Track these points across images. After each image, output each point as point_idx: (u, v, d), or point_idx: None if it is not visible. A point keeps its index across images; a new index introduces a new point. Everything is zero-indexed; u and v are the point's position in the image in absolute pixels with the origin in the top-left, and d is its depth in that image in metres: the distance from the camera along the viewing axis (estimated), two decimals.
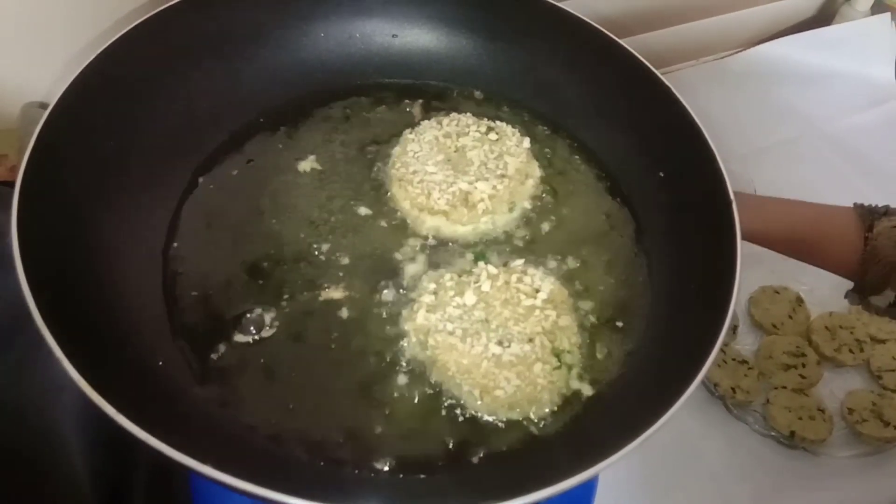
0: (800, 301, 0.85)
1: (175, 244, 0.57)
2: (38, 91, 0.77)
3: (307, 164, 0.64)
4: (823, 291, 0.86)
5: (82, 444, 0.57)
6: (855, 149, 1.05)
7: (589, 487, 0.64)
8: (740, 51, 1.16)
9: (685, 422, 0.76)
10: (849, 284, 0.68)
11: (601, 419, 0.50)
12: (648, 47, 1.02)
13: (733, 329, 0.82)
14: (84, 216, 0.52)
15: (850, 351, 0.81)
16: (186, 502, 0.62)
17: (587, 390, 0.53)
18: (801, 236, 0.65)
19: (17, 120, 0.77)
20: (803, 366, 0.80)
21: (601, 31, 0.66)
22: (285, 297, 0.55)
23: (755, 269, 0.86)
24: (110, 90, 0.56)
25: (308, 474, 0.47)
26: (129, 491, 0.60)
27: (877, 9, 1.17)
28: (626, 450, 0.42)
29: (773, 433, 0.75)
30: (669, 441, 0.74)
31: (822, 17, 1.21)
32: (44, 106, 0.56)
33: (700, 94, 1.06)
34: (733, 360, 0.80)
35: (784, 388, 0.78)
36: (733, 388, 0.77)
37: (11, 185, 0.48)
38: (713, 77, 1.12)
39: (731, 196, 0.54)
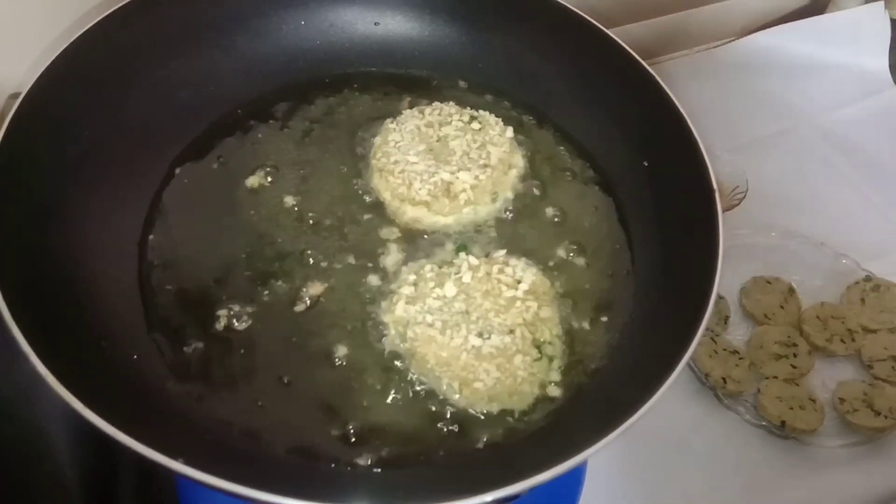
0: (791, 291, 0.84)
1: (151, 236, 0.56)
2: (18, 83, 0.76)
3: (287, 156, 0.63)
4: (815, 282, 0.85)
5: (68, 439, 0.56)
6: (848, 140, 1.04)
7: (576, 477, 0.63)
8: (732, 40, 1.15)
9: (676, 412, 0.75)
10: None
11: (582, 411, 0.50)
12: (639, 38, 1.01)
13: (724, 319, 0.81)
14: (57, 208, 0.52)
15: (842, 341, 0.81)
16: (173, 499, 0.62)
17: (568, 382, 0.52)
18: None
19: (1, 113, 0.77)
20: (794, 356, 0.79)
21: (585, 20, 0.65)
22: (262, 290, 0.54)
23: (747, 260, 0.85)
24: (82, 81, 0.56)
25: (284, 470, 0.46)
26: (116, 489, 0.60)
27: None
28: (603, 443, 0.42)
29: (764, 423, 0.74)
30: (660, 431, 0.73)
31: (815, 6, 1.20)
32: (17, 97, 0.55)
33: (692, 84, 1.04)
34: (724, 350, 0.79)
35: (775, 378, 0.77)
36: (724, 379, 0.76)
37: None
38: (705, 68, 1.11)
39: (714, 185, 0.53)
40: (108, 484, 0.60)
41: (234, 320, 0.52)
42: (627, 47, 0.63)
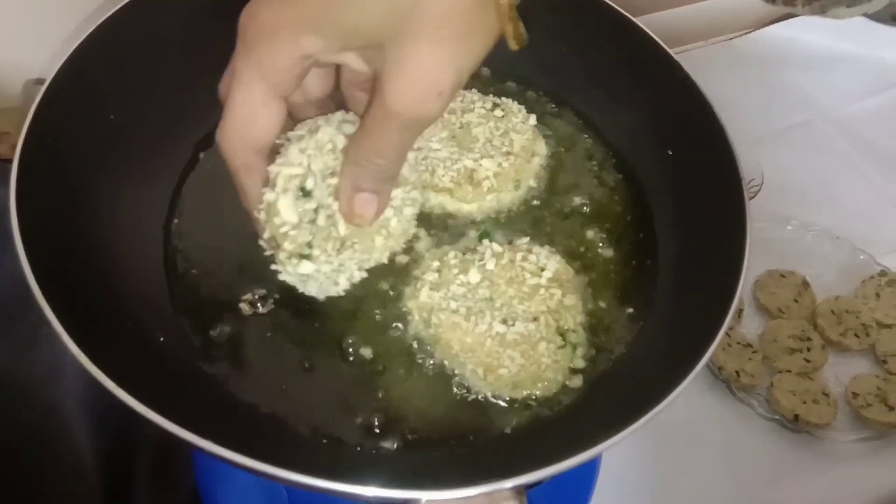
0: (806, 285, 0.84)
1: (176, 220, 0.56)
2: (39, 68, 0.76)
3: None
4: (830, 276, 0.85)
5: (86, 423, 0.56)
6: (865, 133, 1.03)
7: (591, 468, 0.63)
8: (749, 32, 1.15)
9: (689, 405, 0.75)
10: None
11: (605, 399, 0.50)
12: (655, 27, 1.00)
13: (738, 313, 0.81)
14: (83, 191, 0.51)
15: (856, 335, 0.80)
16: (190, 483, 0.62)
17: (591, 370, 0.52)
18: None
19: (20, 97, 0.77)
20: (808, 350, 0.79)
21: (610, 6, 0.65)
22: None
23: (762, 253, 0.85)
24: (108, 64, 0.55)
25: (309, 451, 0.46)
26: (134, 471, 0.60)
27: None
28: (627, 431, 0.42)
29: (777, 417, 0.74)
30: (673, 424, 0.73)
31: None
32: (42, 82, 0.55)
33: (708, 75, 1.03)
34: (738, 343, 0.79)
35: (789, 371, 0.77)
36: (737, 372, 0.76)
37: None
38: (721, 59, 1.10)
39: (741, 175, 0.53)
40: (125, 468, 0.60)
41: (259, 304, 0.53)
42: (652, 34, 0.62)
